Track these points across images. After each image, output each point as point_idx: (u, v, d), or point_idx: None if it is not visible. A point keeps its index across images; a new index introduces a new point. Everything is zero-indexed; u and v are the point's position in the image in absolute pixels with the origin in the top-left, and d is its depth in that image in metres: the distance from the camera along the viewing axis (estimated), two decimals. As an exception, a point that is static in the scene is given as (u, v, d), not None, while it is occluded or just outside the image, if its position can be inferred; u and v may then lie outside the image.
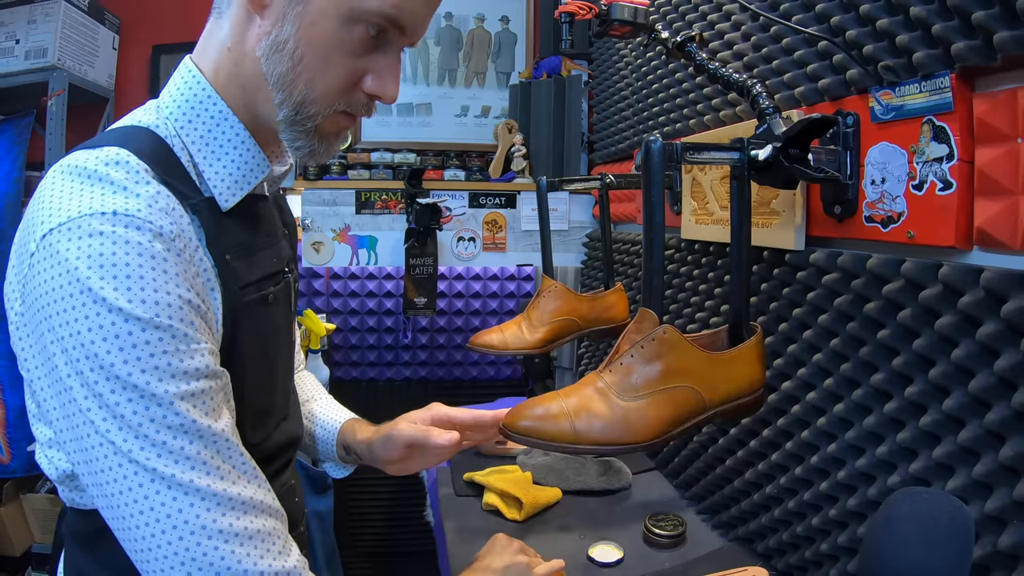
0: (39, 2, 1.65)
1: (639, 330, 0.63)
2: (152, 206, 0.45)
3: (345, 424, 0.77)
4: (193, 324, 0.45)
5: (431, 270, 1.73)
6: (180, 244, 0.46)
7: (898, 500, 0.52)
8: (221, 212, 0.52)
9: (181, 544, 0.43)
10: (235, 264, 0.52)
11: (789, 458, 0.82)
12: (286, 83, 0.49)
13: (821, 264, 0.76)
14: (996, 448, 0.55)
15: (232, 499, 0.45)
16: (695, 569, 0.84)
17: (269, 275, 0.57)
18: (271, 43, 0.49)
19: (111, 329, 0.42)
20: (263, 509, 0.47)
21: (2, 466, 1.67)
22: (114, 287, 0.42)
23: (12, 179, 1.67)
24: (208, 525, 0.44)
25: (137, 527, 0.44)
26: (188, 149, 0.51)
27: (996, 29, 0.54)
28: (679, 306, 1.13)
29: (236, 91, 0.52)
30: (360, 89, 0.52)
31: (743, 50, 0.94)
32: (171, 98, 0.52)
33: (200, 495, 0.43)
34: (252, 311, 0.53)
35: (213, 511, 0.44)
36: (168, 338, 0.43)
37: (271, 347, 0.58)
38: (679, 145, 0.65)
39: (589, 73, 1.86)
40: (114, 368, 0.42)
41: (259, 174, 0.54)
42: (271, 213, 0.61)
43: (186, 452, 0.43)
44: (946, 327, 0.59)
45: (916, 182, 0.65)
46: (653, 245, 0.62)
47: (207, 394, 0.45)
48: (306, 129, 0.52)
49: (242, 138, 0.52)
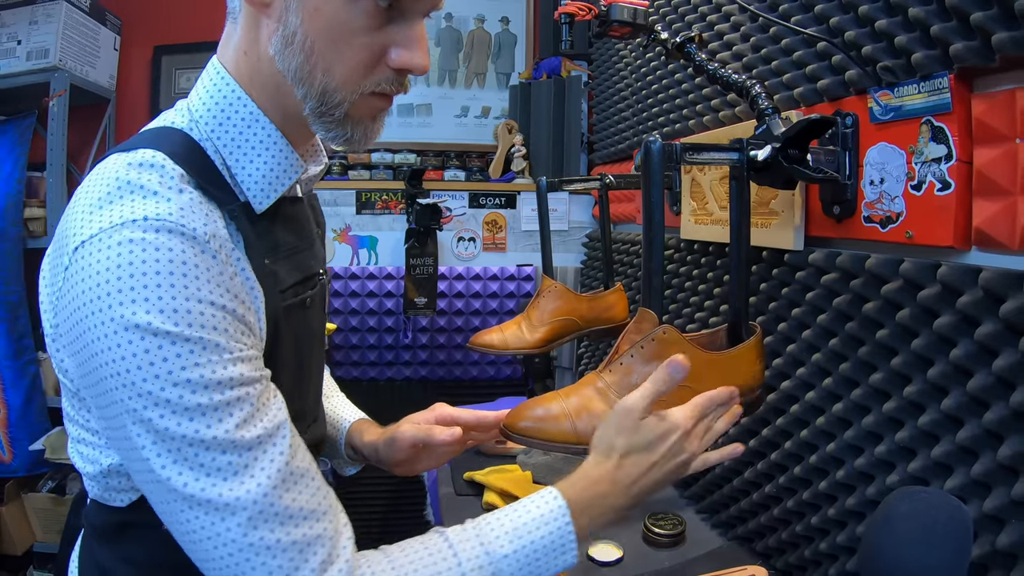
0: (40, 3, 1.65)
1: (639, 330, 0.63)
2: (184, 208, 0.44)
3: (353, 425, 0.77)
4: (226, 331, 0.44)
5: (431, 270, 1.73)
6: (215, 245, 0.45)
7: (897, 499, 0.52)
8: (257, 215, 0.51)
9: (216, 555, 0.44)
10: (275, 268, 0.51)
11: (788, 457, 0.82)
12: (304, 75, 0.48)
13: (820, 264, 0.76)
14: (994, 447, 0.55)
15: (265, 511, 0.44)
16: (694, 568, 0.84)
17: (307, 278, 0.56)
18: (280, 39, 0.48)
19: (139, 345, 0.41)
20: (306, 515, 0.45)
21: (4, 465, 1.67)
22: (141, 301, 0.41)
23: (14, 180, 1.68)
24: (239, 539, 0.43)
25: (188, 548, 0.45)
26: (220, 152, 0.50)
27: (994, 30, 0.54)
28: (678, 306, 1.13)
29: (262, 92, 0.51)
30: (385, 65, 0.49)
31: (742, 51, 0.94)
32: (200, 100, 0.51)
33: (231, 510, 0.43)
34: (291, 315, 0.53)
35: (244, 525, 0.43)
36: (199, 350, 0.42)
37: (306, 351, 0.57)
38: (678, 146, 0.65)
39: (589, 74, 1.86)
40: (145, 384, 0.41)
41: (292, 175, 0.53)
42: (306, 214, 0.60)
43: (217, 464, 0.43)
44: (945, 327, 0.59)
45: (915, 182, 0.65)
46: (653, 245, 0.62)
47: (243, 402, 0.44)
48: (336, 118, 0.50)
49: (274, 139, 0.51)
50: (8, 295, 1.65)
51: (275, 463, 0.45)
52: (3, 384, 1.67)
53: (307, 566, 0.45)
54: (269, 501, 0.44)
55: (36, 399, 1.69)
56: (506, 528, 0.51)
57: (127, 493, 0.51)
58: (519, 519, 0.51)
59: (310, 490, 0.47)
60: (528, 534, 0.51)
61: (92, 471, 0.51)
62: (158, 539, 0.50)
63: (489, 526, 0.51)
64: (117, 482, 0.51)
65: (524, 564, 0.50)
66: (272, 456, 0.45)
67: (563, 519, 0.52)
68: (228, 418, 0.43)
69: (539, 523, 0.51)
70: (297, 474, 0.46)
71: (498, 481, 1.00)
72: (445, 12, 2.00)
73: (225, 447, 0.43)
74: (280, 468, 0.45)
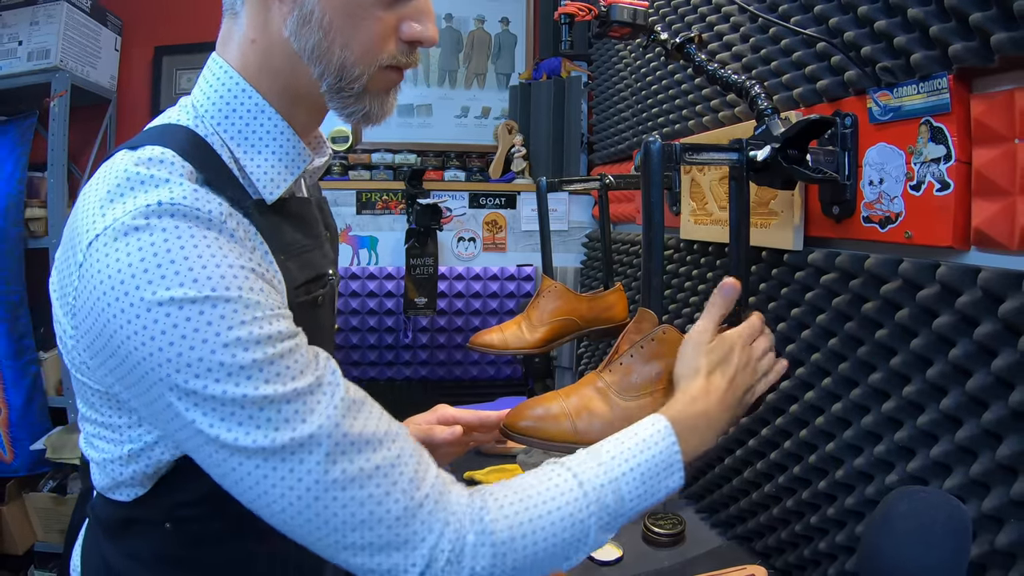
0: (42, 4, 1.66)
1: (638, 330, 0.63)
2: (198, 191, 0.44)
3: None
4: (261, 291, 0.43)
5: (431, 270, 1.74)
6: (232, 224, 0.45)
7: (896, 499, 0.52)
8: (270, 212, 0.51)
9: (309, 511, 0.42)
10: (289, 264, 0.51)
11: (788, 457, 0.82)
12: (321, 52, 0.49)
13: (819, 264, 0.76)
14: (993, 447, 0.56)
15: (340, 443, 0.42)
16: (694, 567, 0.84)
17: (317, 277, 0.56)
18: (297, 19, 0.49)
19: (174, 317, 0.40)
20: (380, 439, 0.44)
21: (5, 465, 1.67)
22: (163, 281, 0.40)
23: (15, 180, 1.68)
24: (321, 479, 0.42)
25: (265, 508, 0.43)
26: (228, 145, 0.51)
27: (993, 30, 0.54)
28: (678, 306, 1.13)
29: (269, 81, 0.52)
30: (397, 38, 0.52)
31: (742, 51, 0.94)
32: (204, 95, 0.52)
33: (306, 449, 0.41)
34: (303, 313, 0.52)
35: (323, 463, 0.42)
36: (241, 308, 0.42)
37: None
38: (678, 146, 0.65)
39: (588, 74, 1.86)
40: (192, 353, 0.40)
41: (301, 164, 0.53)
42: (314, 215, 0.61)
43: (284, 414, 0.42)
44: (944, 327, 0.59)
45: (914, 183, 0.65)
46: (652, 245, 0.62)
47: (294, 352, 0.43)
48: (354, 92, 0.51)
49: (280, 128, 0.52)
50: (9, 295, 1.65)
51: (335, 396, 0.44)
52: (4, 384, 1.67)
53: (396, 488, 0.43)
54: (342, 431, 0.43)
55: (37, 399, 1.69)
56: (620, 450, 0.52)
57: (134, 488, 0.51)
58: (630, 441, 0.52)
59: (375, 415, 0.46)
60: (640, 453, 0.51)
61: (109, 458, 0.50)
62: (162, 535, 0.50)
63: (603, 448, 0.52)
64: (132, 471, 0.49)
65: (640, 483, 0.51)
66: (330, 392, 0.44)
67: (669, 439, 0.53)
68: (285, 370, 0.42)
69: (649, 443, 0.52)
70: (359, 402, 0.46)
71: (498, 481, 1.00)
72: (445, 13, 2.00)
73: (289, 397, 0.42)
74: (343, 397, 0.44)
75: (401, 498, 0.44)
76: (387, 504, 0.43)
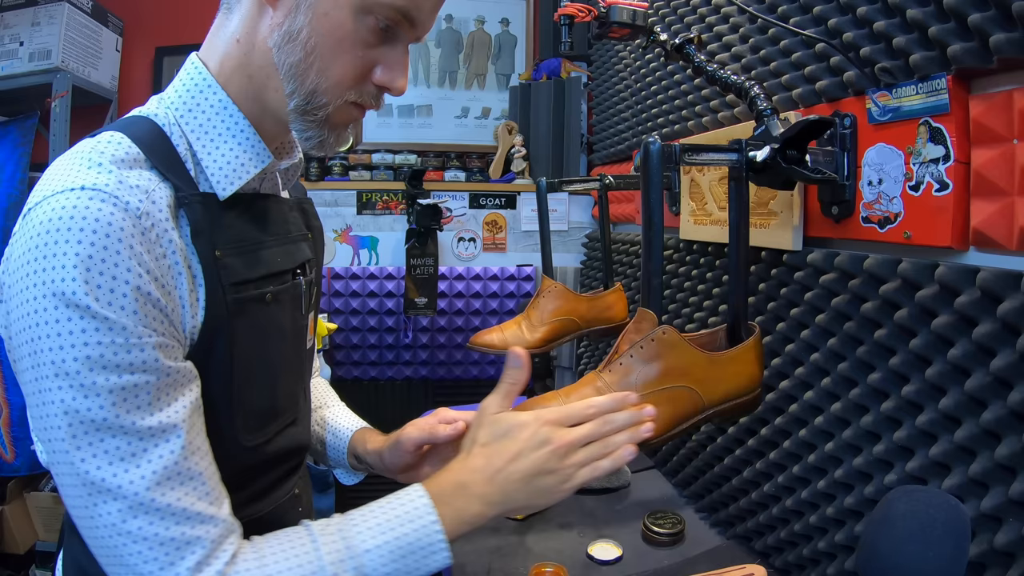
0: (43, 4, 1.66)
1: (638, 330, 0.63)
2: (123, 182, 0.45)
3: (356, 434, 0.77)
4: (136, 313, 0.44)
5: (432, 270, 1.74)
6: (147, 223, 0.46)
7: (895, 498, 0.52)
8: (220, 207, 0.52)
9: (96, 535, 0.45)
10: (228, 260, 0.51)
11: (787, 457, 0.83)
12: (298, 72, 0.50)
13: (819, 264, 0.76)
14: (992, 447, 0.56)
15: (145, 503, 0.44)
16: (693, 567, 0.84)
17: (273, 274, 0.57)
18: (284, 33, 0.50)
19: (56, 314, 0.42)
20: (188, 516, 0.46)
21: (6, 464, 1.67)
22: (60, 268, 0.42)
23: (16, 180, 1.68)
24: (117, 524, 0.44)
25: (77, 524, 0.46)
26: (187, 137, 0.52)
27: (992, 32, 0.54)
28: (678, 306, 1.14)
29: (243, 81, 0.53)
30: (370, 80, 0.53)
31: (741, 52, 0.94)
32: (174, 90, 0.53)
33: (112, 495, 0.44)
34: (246, 309, 0.53)
35: (124, 512, 0.44)
36: (105, 329, 0.43)
37: (271, 348, 0.57)
38: (678, 146, 0.65)
39: (588, 75, 1.86)
40: (52, 353, 0.43)
41: (258, 163, 0.54)
42: (287, 214, 0.61)
43: (106, 446, 0.44)
44: (943, 327, 0.60)
45: (913, 183, 0.65)
46: (652, 245, 0.62)
47: (139, 389, 0.44)
48: (317, 119, 0.52)
49: (241, 127, 0.53)
50: (10, 295, 1.65)
51: (164, 458, 0.45)
52: (5, 383, 1.68)
53: (182, 563, 0.45)
54: (151, 496, 0.44)
55: (38, 399, 1.69)
56: (369, 524, 0.51)
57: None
58: (383, 515, 0.51)
59: (198, 493, 0.47)
60: (391, 530, 0.50)
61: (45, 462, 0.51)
62: None
63: (352, 521, 0.51)
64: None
65: (390, 560, 0.49)
66: (163, 451, 0.45)
67: (428, 516, 0.51)
68: (122, 403, 0.44)
69: (403, 520, 0.51)
70: (187, 475, 0.46)
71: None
72: (445, 13, 2.00)
73: (115, 431, 0.44)
74: (168, 465, 0.45)
75: (182, 575, 0.45)
76: (167, 573, 0.45)
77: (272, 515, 0.59)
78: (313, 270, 0.66)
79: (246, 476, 0.56)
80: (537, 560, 0.85)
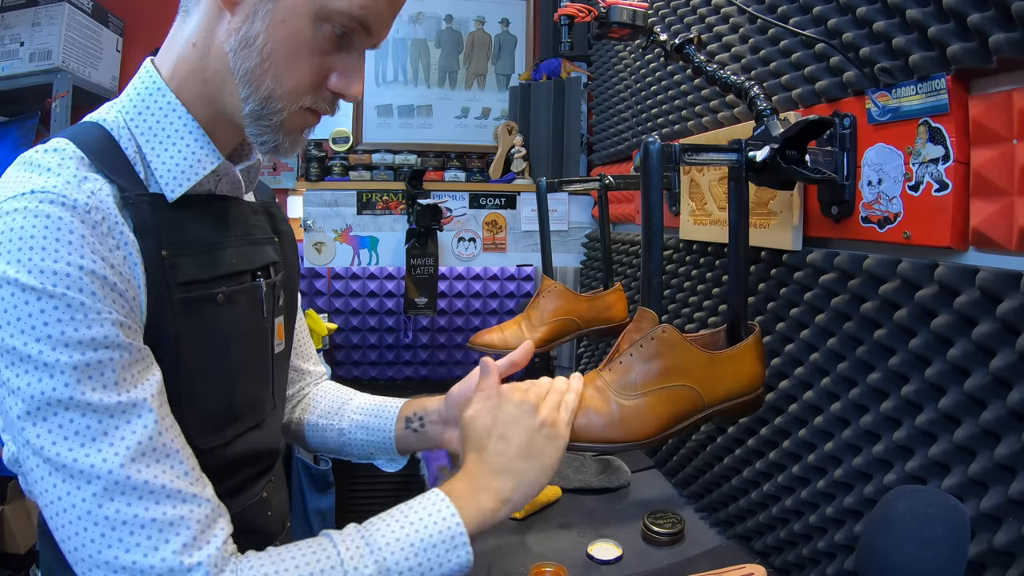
0: (43, 5, 1.66)
1: (638, 329, 0.63)
2: (70, 182, 0.46)
3: (407, 402, 0.76)
4: (94, 294, 0.44)
5: (432, 270, 1.74)
6: (96, 216, 0.46)
7: (894, 498, 0.52)
8: (171, 208, 0.52)
9: (72, 530, 0.43)
10: (177, 260, 0.51)
11: (787, 456, 0.83)
12: (254, 78, 0.51)
13: (818, 264, 0.76)
14: (991, 447, 0.56)
15: (121, 482, 0.42)
16: (693, 566, 0.84)
17: (227, 275, 0.57)
18: (241, 39, 0.50)
19: (8, 301, 0.42)
20: (168, 494, 0.44)
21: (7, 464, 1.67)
22: (14, 262, 0.43)
23: (16, 180, 1.68)
24: (93, 511, 0.42)
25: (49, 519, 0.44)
26: (136, 140, 0.52)
27: (991, 32, 0.54)
28: (677, 306, 1.14)
29: (197, 85, 0.53)
30: (325, 87, 0.54)
31: (741, 52, 0.94)
32: (127, 95, 0.54)
33: (85, 477, 0.42)
34: (194, 309, 0.53)
35: (100, 496, 0.42)
36: (63, 307, 0.43)
37: (223, 349, 0.57)
38: (677, 146, 0.65)
39: (588, 75, 1.86)
40: (11, 340, 0.42)
41: (207, 165, 0.54)
42: (248, 217, 0.61)
43: (75, 426, 0.42)
44: (942, 327, 0.60)
45: (912, 183, 0.65)
46: (652, 245, 0.63)
47: (104, 365, 0.44)
48: (272, 124, 0.53)
49: (190, 129, 0.53)
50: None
51: (136, 434, 0.44)
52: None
53: (167, 547, 0.43)
54: (126, 473, 0.43)
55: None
56: (388, 523, 0.51)
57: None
58: (402, 515, 0.52)
59: (176, 471, 0.45)
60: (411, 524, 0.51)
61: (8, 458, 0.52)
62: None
63: (371, 523, 0.52)
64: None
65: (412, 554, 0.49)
66: (135, 427, 0.44)
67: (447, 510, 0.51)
68: (87, 380, 0.43)
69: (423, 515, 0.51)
70: (162, 451, 0.45)
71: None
72: (446, 14, 2.01)
73: (83, 409, 0.43)
74: (142, 440, 0.44)
75: (169, 558, 0.43)
76: (152, 559, 0.43)
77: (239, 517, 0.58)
78: (280, 273, 0.65)
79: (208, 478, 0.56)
80: (537, 560, 0.85)
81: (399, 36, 1.99)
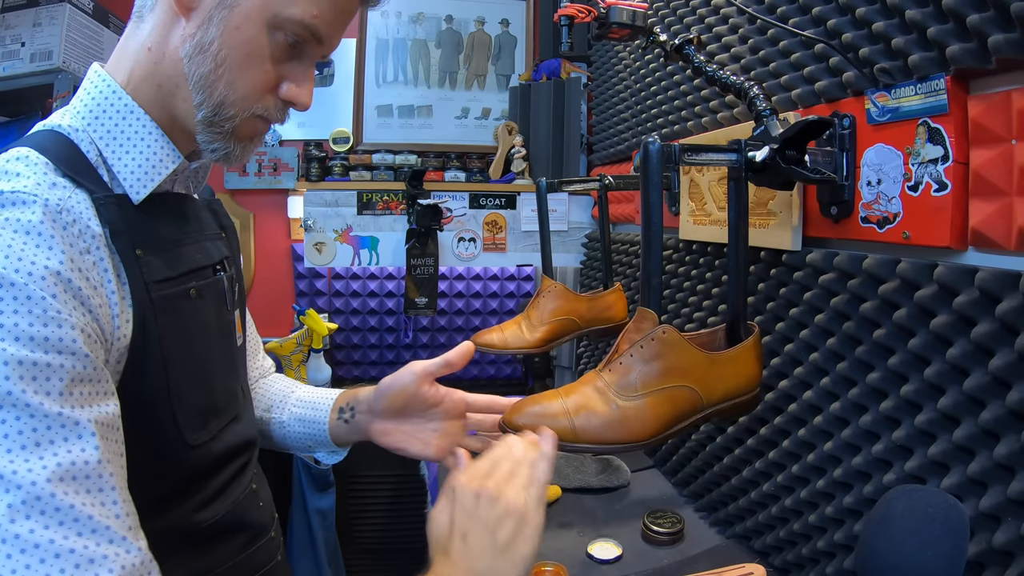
0: (44, 5, 1.66)
1: (638, 329, 0.63)
2: (41, 184, 0.46)
3: (343, 392, 0.75)
4: (56, 297, 0.42)
5: (432, 270, 1.74)
6: (67, 218, 0.46)
7: (894, 497, 0.53)
8: (136, 208, 0.52)
9: None
10: (149, 259, 0.52)
11: (786, 456, 0.83)
12: (207, 84, 0.51)
13: (818, 264, 0.76)
14: (991, 446, 0.56)
15: (43, 499, 0.37)
16: (693, 566, 0.84)
17: (193, 271, 0.58)
18: (195, 44, 0.50)
19: None
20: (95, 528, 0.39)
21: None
22: None
23: (16, 180, 1.68)
24: (4, 524, 0.36)
25: None
26: (96, 144, 0.52)
27: (990, 32, 0.54)
28: (677, 306, 1.14)
29: (151, 89, 0.53)
30: (276, 95, 0.54)
31: (740, 53, 0.94)
32: (79, 99, 0.54)
33: (3, 485, 0.37)
34: (171, 305, 0.53)
35: (15, 509, 0.36)
36: (22, 298, 0.40)
37: (200, 344, 0.58)
38: (677, 147, 0.65)
39: (588, 75, 1.87)
40: None
41: (169, 164, 0.55)
42: (200, 213, 0.63)
43: (8, 427, 0.38)
44: (941, 326, 0.60)
45: (911, 183, 0.65)
46: (651, 245, 0.63)
47: (52, 369, 0.40)
48: (224, 131, 0.53)
49: (149, 130, 0.54)
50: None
51: (72, 455, 0.39)
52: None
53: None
54: (51, 490, 0.37)
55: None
56: None
57: None
58: None
59: (109, 509, 0.40)
60: None
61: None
62: None
63: None
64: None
65: None
66: (71, 447, 0.39)
67: None
68: (31, 380, 0.39)
69: None
70: (97, 483, 0.40)
71: None
72: (446, 14, 2.01)
73: (19, 410, 0.38)
74: (76, 462, 0.39)
75: None
76: None
77: (233, 514, 0.59)
78: (232, 267, 0.66)
79: (200, 478, 0.56)
80: (537, 559, 0.85)
81: (399, 36, 1.99)
